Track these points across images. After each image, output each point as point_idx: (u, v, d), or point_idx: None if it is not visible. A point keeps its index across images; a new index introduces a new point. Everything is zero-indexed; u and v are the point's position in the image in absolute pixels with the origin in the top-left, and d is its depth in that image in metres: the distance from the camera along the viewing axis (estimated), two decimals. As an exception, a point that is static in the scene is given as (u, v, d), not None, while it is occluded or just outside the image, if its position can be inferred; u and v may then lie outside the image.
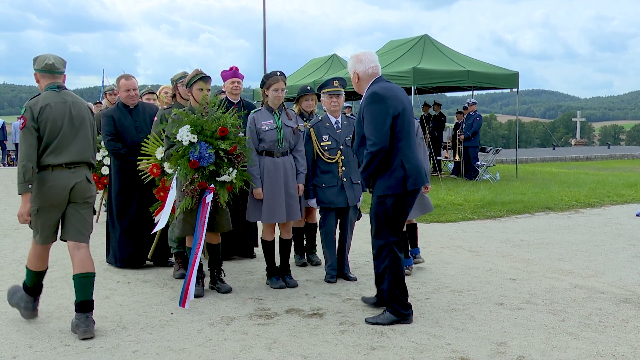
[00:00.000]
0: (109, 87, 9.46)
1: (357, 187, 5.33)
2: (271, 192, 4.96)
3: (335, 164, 5.23)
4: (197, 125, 4.64)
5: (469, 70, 13.71)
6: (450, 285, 5.22)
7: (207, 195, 4.68)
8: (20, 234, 7.65)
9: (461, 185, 12.52)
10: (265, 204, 4.98)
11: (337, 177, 5.22)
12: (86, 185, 4.07)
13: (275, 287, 5.12)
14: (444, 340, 3.88)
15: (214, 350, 3.73)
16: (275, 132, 5.00)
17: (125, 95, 5.89)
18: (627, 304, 4.66)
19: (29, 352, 3.70)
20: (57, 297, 4.88)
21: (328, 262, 5.38)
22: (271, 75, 5.06)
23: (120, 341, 3.88)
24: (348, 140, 5.20)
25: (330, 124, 5.30)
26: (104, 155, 8.48)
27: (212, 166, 4.63)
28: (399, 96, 4.20)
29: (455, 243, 7.06)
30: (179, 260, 5.56)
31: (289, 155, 5.12)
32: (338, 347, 3.76)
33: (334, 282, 5.30)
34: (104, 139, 5.86)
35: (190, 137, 4.59)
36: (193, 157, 4.59)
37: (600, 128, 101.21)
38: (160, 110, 5.60)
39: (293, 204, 5.07)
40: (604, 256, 6.34)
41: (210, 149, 4.61)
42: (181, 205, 4.71)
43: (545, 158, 23.82)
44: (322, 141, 5.24)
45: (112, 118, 5.85)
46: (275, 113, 5.07)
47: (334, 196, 5.23)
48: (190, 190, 4.64)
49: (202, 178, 4.65)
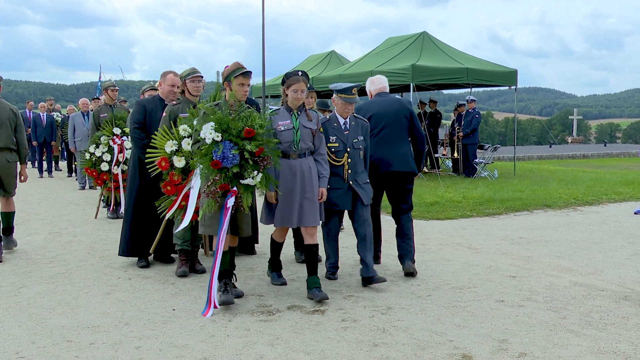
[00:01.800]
0: (110, 82, 9.41)
1: (366, 187, 5.16)
2: (284, 195, 4.69)
3: (342, 167, 5.06)
4: (223, 123, 4.38)
5: (468, 67, 13.73)
6: (450, 282, 5.23)
7: (229, 199, 4.42)
8: (20, 229, 7.64)
9: (459, 183, 12.54)
10: (279, 208, 4.73)
11: (343, 180, 5.07)
12: (6, 163, 6.28)
13: (275, 284, 5.08)
14: (445, 337, 3.90)
15: (217, 346, 3.73)
16: (291, 133, 4.72)
17: (168, 90, 5.79)
18: (626, 301, 4.69)
19: (31, 348, 3.70)
20: (58, 293, 4.88)
21: (330, 259, 5.34)
22: (292, 74, 4.80)
23: (122, 337, 3.88)
24: (356, 143, 5.10)
25: (339, 124, 5.12)
26: (103, 152, 8.43)
27: (236, 167, 4.35)
28: (370, 107, 5.54)
29: (454, 240, 7.07)
30: (182, 257, 5.49)
31: (307, 158, 4.81)
32: (340, 344, 3.77)
33: (335, 279, 5.29)
34: (130, 126, 5.80)
35: (214, 136, 4.33)
36: (216, 156, 4.33)
37: (597, 126, 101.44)
38: (169, 106, 5.51)
39: (310, 208, 4.74)
40: (603, 254, 6.37)
41: (235, 149, 4.34)
42: (203, 207, 4.51)
43: (542, 156, 23.88)
44: (329, 142, 5.05)
45: (145, 108, 5.77)
46: (294, 113, 4.78)
47: (338, 199, 5.06)
48: (211, 191, 4.40)
49: (225, 180, 4.38)
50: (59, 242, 6.96)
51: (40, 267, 5.72)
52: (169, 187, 5.25)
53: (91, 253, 6.37)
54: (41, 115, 15.14)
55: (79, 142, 11.94)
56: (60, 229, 7.77)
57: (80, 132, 11.98)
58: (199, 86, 5.52)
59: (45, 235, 7.37)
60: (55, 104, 17.61)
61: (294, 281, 5.26)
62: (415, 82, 12.95)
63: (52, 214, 9.01)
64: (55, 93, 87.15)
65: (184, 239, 5.47)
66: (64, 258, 6.12)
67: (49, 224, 8.14)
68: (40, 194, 11.65)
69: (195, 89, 5.49)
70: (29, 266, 5.77)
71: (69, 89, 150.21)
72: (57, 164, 16.57)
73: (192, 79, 5.48)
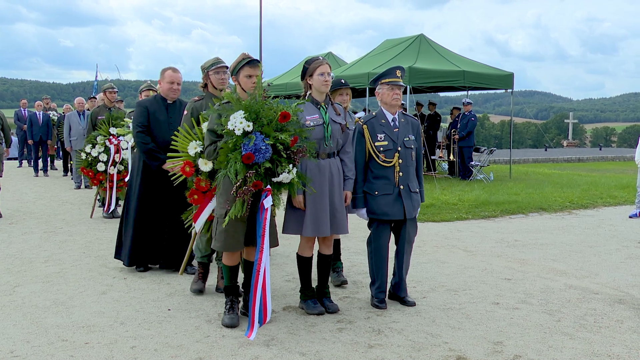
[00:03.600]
0: (108, 84, 9.31)
1: (415, 197, 4.58)
2: (315, 200, 4.19)
3: (392, 169, 4.47)
4: (253, 111, 3.82)
5: (464, 70, 13.78)
6: (446, 284, 5.24)
7: (265, 199, 3.89)
8: (14, 228, 7.62)
9: (455, 185, 12.56)
10: (309, 214, 4.19)
11: (393, 183, 4.47)
12: None
13: (312, 313, 4.33)
14: (440, 339, 3.91)
15: (212, 346, 3.73)
16: (321, 129, 4.21)
17: (167, 88, 5.44)
18: (621, 304, 4.70)
19: (26, 347, 3.69)
20: (53, 292, 4.87)
21: (376, 283, 4.59)
22: (314, 59, 4.28)
23: (118, 337, 3.88)
24: (407, 142, 4.52)
25: (387, 121, 4.51)
26: (99, 152, 8.40)
27: (268, 163, 3.79)
28: None
29: (450, 242, 7.09)
30: (200, 271, 4.96)
31: (335, 158, 4.33)
32: (336, 345, 3.77)
33: (384, 307, 4.51)
34: (134, 130, 5.47)
35: (245, 125, 3.75)
36: (247, 149, 3.73)
37: (592, 130, 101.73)
38: (190, 103, 4.90)
39: (339, 215, 4.30)
40: (597, 257, 6.39)
41: (267, 140, 3.78)
42: (230, 212, 3.86)
43: (538, 159, 23.93)
44: (377, 141, 4.46)
45: (147, 110, 5.42)
46: (322, 107, 4.28)
47: (388, 206, 4.45)
48: (243, 191, 3.77)
49: (257, 177, 3.80)
50: (54, 241, 6.94)
51: (35, 266, 5.71)
52: (196, 195, 4.52)
53: (86, 252, 6.35)
54: (37, 114, 15.13)
55: (75, 142, 11.95)
56: (56, 228, 7.75)
57: (76, 131, 11.98)
58: (225, 78, 4.90)
59: (40, 234, 7.35)
60: (51, 102, 17.58)
61: (289, 282, 5.26)
62: (412, 84, 12.96)
63: (47, 213, 8.98)
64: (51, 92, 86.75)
65: (204, 252, 4.98)
66: (59, 257, 6.10)
67: (44, 223, 8.11)
68: (35, 192, 11.62)
69: (220, 81, 4.88)
70: (24, 265, 5.76)
71: (64, 87, 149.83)
72: (52, 162, 16.53)
73: (216, 69, 4.88)
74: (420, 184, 4.69)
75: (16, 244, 6.69)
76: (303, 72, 4.32)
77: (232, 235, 4.01)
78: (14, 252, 6.34)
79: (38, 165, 15.31)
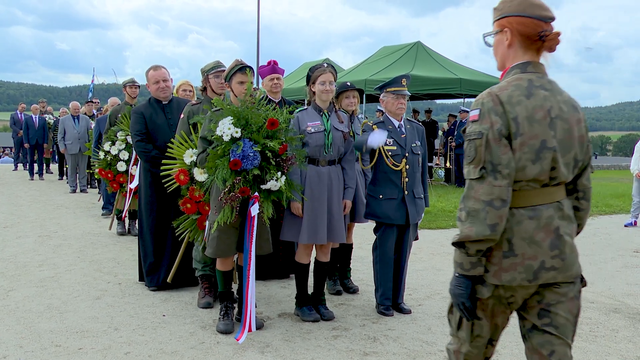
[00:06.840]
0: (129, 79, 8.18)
1: (419, 202, 4.59)
2: (313, 207, 4.20)
3: (399, 173, 4.48)
4: (241, 117, 3.82)
5: (461, 77, 13.82)
6: (441, 292, 5.23)
7: (252, 207, 3.87)
8: (9, 232, 7.59)
9: (452, 192, 12.58)
10: (306, 221, 4.20)
11: (399, 188, 4.49)
12: None
13: (308, 320, 4.35)
14: (436, 347, 3.90)
15: (207, 353, 3.71)
16: (322, 136, 4.22)
17: (155, 88, 5.16)
18: (616, 313, 4.70)
19: (19, 352, 3.66)
20: (47, 297, 4.84)
21: (380, 289, 4.57)
22: (317, 67, 4.30)
23: (112, 342, 3.85)
24: (414, 147, 4.56)
25: (394, 127, 4.54)
26: (120, 149, 7.40)
27: (257, 170, 3.79)
28: None
29: (446, 250, 7.08)
30: (205, 285, 4.75)
31: (336, 165, 4.32)
32: (331, 352, 3.76)
33: (391, 314, 4.52)
34: (133, 140, 5.19)
35: (233, 131, 3.75)
36: (235, 155, 3.75)
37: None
38: (187, 106, 4.76)
39: (336, 223, 4.28)
40: (593, 266, 6.39)
41: (256, 147, 3.79)
42: (218, 218, 3.85)
43: (534, 167, 24.00)
44: (386, 145, 4.46)
45: (143, 115, 5.12)
46: (324, 114, 4.29)
47: (393, 210, 4.46)
48: (229, 197, 3.77)
49: (245, 184, 3.81)
50: (49, 245, 6.91)
51: (29, 271, 5.67)
52: (189, 204, 4.45)
53: (81, 257, 6.32)
54: (33, 118, 15.11)
55: (70, 146, 11.96)
56: (50, 232, 7.71)
57: (70, 135, 11.98)
58: (225, 82, 4.64)
59: (34, 238, 7.31)
60: (47, 106, 17.55)
61: (285, 289, 5.24)
62: (409, 91, 12.99)
63: (42, 217, 8.95)
64: (47, 95, 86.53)
65: (204, 263, 4.74)
66: (53, 262, 6.07)
67: (38, 227, 8.08)
68: (30, 196, 11.58)
69: (219, 85, 4.68)
70: (18, 269, 5.72)
71: (61, 91, 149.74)
72: (48, 166, 16.49)
73: (216, 73, 4.70)
74: (425, 189, 4.70)
75: (10, 248, 6.66)
76: (307, 79, 4.37)
77: (224, 241, 4.01)
78: (7, 256, 6.31)
79: (33, 168, 15.28)
